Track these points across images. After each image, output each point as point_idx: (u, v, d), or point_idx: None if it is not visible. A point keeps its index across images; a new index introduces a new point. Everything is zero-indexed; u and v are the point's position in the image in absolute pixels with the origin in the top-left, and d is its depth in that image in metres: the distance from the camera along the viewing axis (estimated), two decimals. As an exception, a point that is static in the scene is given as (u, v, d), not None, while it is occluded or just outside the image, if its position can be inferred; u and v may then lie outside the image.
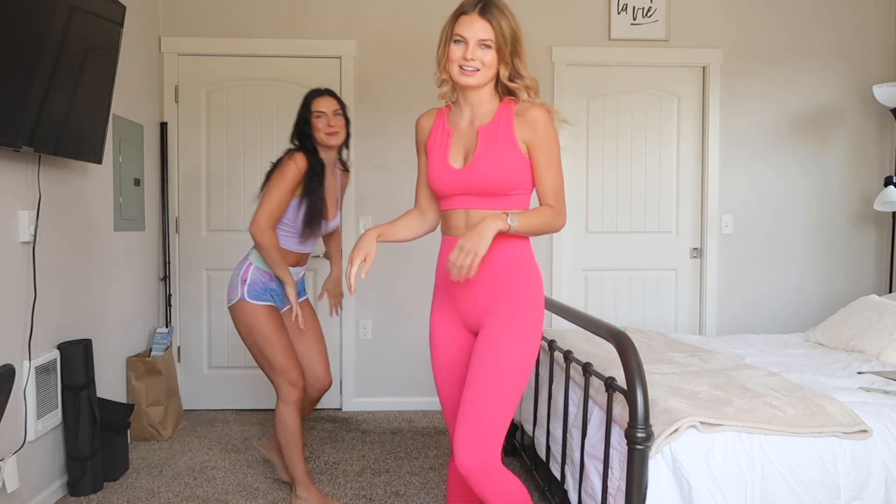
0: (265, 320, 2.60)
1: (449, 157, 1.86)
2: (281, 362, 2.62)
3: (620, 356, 1.89)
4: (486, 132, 1.81)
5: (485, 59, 1.77)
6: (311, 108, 2.62)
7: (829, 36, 4.17)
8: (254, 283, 2.62)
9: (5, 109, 2.24)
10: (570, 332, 3.03)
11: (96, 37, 2.77)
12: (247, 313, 2.61)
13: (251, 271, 2.62)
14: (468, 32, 1.76)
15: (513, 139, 1.80)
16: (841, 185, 4.23)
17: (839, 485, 1.90)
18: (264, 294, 2.63)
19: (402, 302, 4.11)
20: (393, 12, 4.04)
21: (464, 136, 1.86)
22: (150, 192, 3.81)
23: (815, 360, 2.86)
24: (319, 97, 2.65)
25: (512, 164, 1.80)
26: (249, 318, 2.60)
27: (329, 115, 2.62)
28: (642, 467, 1.83)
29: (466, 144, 1.85)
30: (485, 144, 1.80)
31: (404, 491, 2.91)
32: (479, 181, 1.81)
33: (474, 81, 1.79)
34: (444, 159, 1.86)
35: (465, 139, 1.86)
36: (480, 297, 1.84)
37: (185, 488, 2.93)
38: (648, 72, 4.16)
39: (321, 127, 2.61)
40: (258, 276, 2.62)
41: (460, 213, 1.86)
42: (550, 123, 1.80)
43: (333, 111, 2.63)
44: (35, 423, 2.60)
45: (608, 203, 4.19)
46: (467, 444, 1.74)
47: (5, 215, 2.45)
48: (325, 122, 2.61)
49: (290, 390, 2.63)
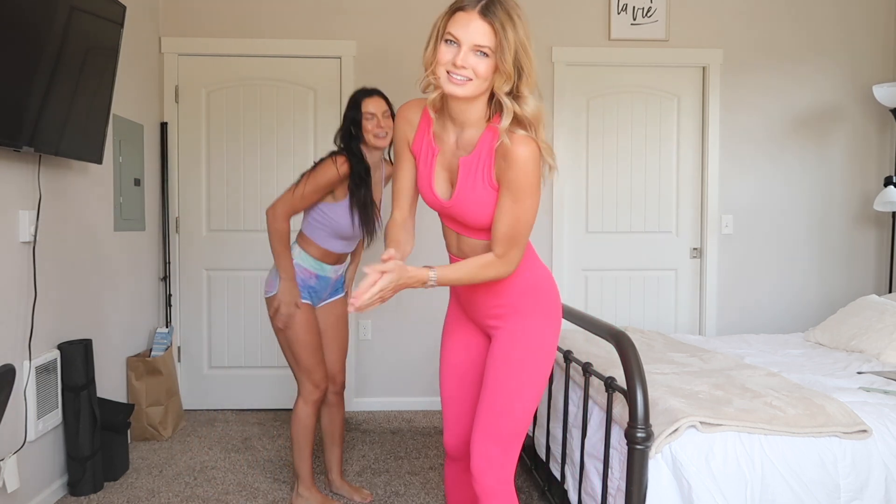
0: (300, 318, 2.58)
1: (434, 183, 1.67)
2: (308, 362, 2.61)
3: (620, 356, 1.89)
4: (465, 165, 1.60)
5: (478, 68, 1.48)
6: (362, 110, 2.55)
7: (829, 36, 4.17)
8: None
9: (6, 109, 2.24)
10: (570, 332, 3.02)
11: (96, 37, 2.77)
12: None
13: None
14: (463, 33, 1.47)
15: (490, 178, 1.58)
16: (841, 185, 4.23)
17: (839, 485, 1.90)
18: (302, 292, 2.60)
19: (402, 302, 4.10)
20: (393, 13, 4.04)
21: (447, 159, 1.66)
22: (150, 192, 3.81)
23: (814, 360, 2.86)
24: (369, 98, 2.57)
25: (490, 205, 1.60)
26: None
27: (379, 116, 2.54)
28: (642, 467, 1.83)
29: (450, 170, 1.65)
30: (464, 180, 1.61)
31: (404, 491, 2.91)
32: (462, 217, 1.66)
33: (462, 92, 1.50)
34: (429, 183, 1.67)
35: (449, 163, 1.65)
36: (493, 309, 1.74)
37: (185, 488, 2.93)
38: (648, 72, 4.15)
39: (370, 129, 2.54)
40: (298, 273, 2.59)
41: (452, 235, 1.75)
42: (531, 166, 1.52)
43: (383, 112, 2.55)
44: (35, 423, 2.60)
45: (608, 203, 4.19)
46: (486, 463, 1.67)
47: (5, 215, 2.46)
48: (375, 123, 2.54)
49: (312, 390, 2.64)
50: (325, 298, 2.74)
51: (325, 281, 2.67)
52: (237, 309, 4.09)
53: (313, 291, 2.65)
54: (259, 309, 4.08)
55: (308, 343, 2.60)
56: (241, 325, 4.09)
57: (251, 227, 4.06)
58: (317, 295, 2.68)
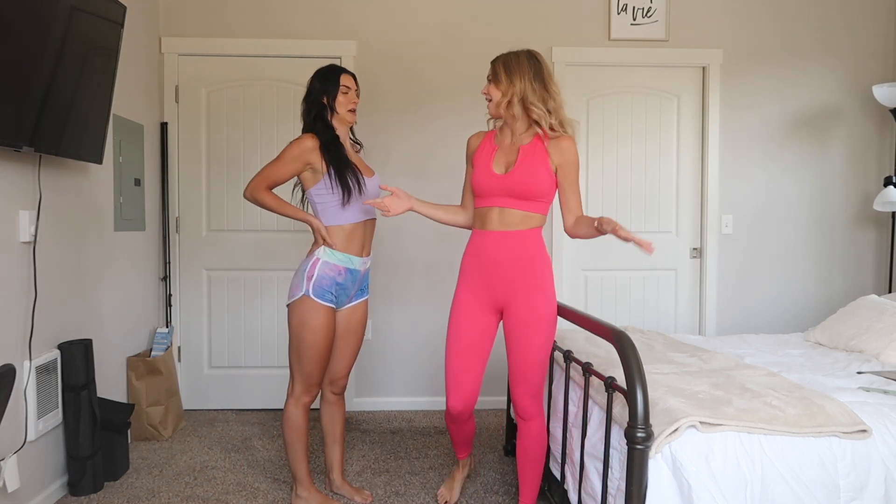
0: (319, 322, 2.56)
1: (493, 166, 2.38)
2: (309, 365, 2.59)
3: (620, 356, 1.89)
4: (525, 150, 2.35)
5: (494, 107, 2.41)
6: (340, 83, 2.61)
7: (830, 36, 4.17)
8: (321, 278, 2.55)
9: (6, 109, 2.24)
10: (570, 332, 3.03)
11: (97, 37, 2.77)
12: (306, 308, 2.55)
13: (318, 266, 2.56)
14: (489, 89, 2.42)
15: (545, 158, 2.33)
16: (841, 185, 4.23)
17: (839, 485, 1.90)
18: (328, 291, 2.56)
19: (403, 302, 4.11)
20: (392, 13, 4.04)
21: (505, 151, 2.39)
22: (150, 192, 3.82)
23: (814, 359, 2.86)
24: (346, 73, 2.66)
25: (542, 176, 2.32)
26: (307, 315, 2.55)
27: (353, 91, 2.64)
28: (642, 467, 1.83)
29: (508, 158, 2.38)
30: (523, 159, 2.33)
31: (404, 491, 2.91)
32: (516, 186, 2.31)
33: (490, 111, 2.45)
34: (488, 167, 2.38)
35: (507, 154, 2.39)
36: (508, 271, 2.35)
37: (185, 488, 2.93)
38: (648, 72, 4.16)
39: (345, 101, 2.61)
40: (326, 270, 2.56)
41: (495, 210, 2.37)
42: (576, 152, 2.36)
43: (355, 90, 2.66)
44: (35, 422, 2.61)
45: (608, 203, 4.19)
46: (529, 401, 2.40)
47: (5, 215, 2.46)
48: (350, 97, 2.62)
49: (303, 392, 2.62)
50: (352, 299, 2.70)
51: (355, 275, 2.63)
52: (237, 309, 4.09)
53: (342, 289, 2.61)
54: (259, 309, 4.09)
55: (318, 348, 2.57)
56: (241, 325, 4.09)
57: (251, 227, 4.06)
58: (345, 293, 2.64)
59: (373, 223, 2.70)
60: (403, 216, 4.05)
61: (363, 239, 2.65)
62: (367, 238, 2.68)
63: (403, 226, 4.07)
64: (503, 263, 2.35)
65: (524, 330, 2.34)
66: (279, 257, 4.04)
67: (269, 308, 4.09)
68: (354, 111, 2.65)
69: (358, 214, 2.61)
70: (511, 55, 2.36)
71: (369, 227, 2.68)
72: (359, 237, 2.63)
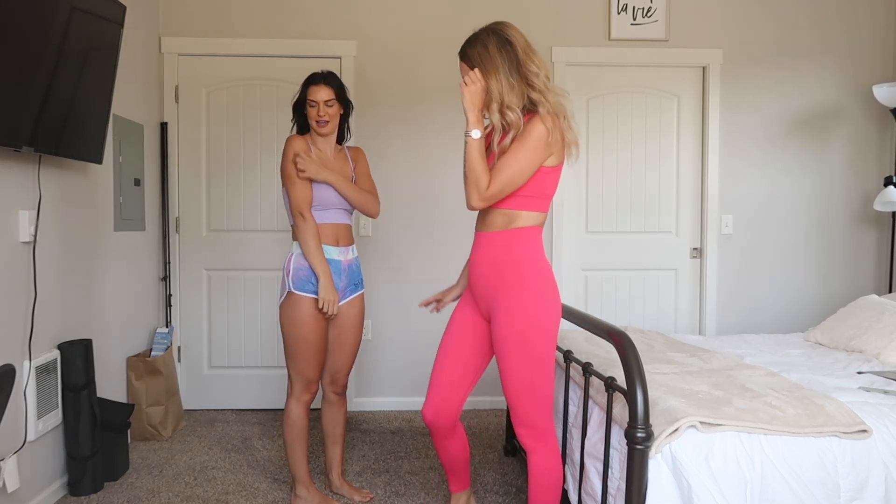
0: (304, 314, 2.55)
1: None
2: (304, 362, 2.59)
3: (620, 356, 1.89)
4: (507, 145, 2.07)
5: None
6: (308, 97, 2.62)
7: (830, 36, 4.17)
8: (298, 270, 2.56)
9: (6, 109, 2.24)
10: (570, 332, 3.03)
11: (97, 37, 2.77)
12: (291, 303, 2.56)
13: (293, 260, 2.58)
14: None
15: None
16: (841, 185, 4.23)
17: (839, 484, 1.90)
18: (308, 282, 2.56)
19: (403, 302, 4.11)
20: (393, 12, 4.04)
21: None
22: (150, 192, 3.82)
23: (814, 359, 2.86)
24: (315, 85, 2.62)
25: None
26: (293, 310, 2.55)
27: (321, 104, 2.59)
28: (642, 467, 1.83)
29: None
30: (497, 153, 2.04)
31: (404, 491, 2.91)
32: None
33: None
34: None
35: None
36: (488, 279, 2.09)
37: (185, 488, 2.93)
38: (648, 72, 4.16)
39: (312, 115, 2.62)
40: (301, 261, 2.57)
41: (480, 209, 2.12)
42: (534, 133, 1.96)
43: (326, 101, 2.60)
44: (35, 422, 2.60)
45: (608, 203, 4.20)
46: (523, 431, 2.06)
47: (5, 215, 2.46)
48: (316, 110, 2.61)
49: (303, 391, 2.62)
50: (345, 293, 2.68)
51: (336, 265, 2.61)
52: (237, 309, 4.09)
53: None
54: (259, 309, 4.09)
55: (309, 342, 2.57)
56: (241, 325, 4.09)
57: (251, 227, 4.06)
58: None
59: (347, 225, 2.71)
60: (398, 209, 4.06)
61: (336, 233, 2.65)
62: (342, 232, 2.67)
63: (404, 225, 4.07)
64: (482, 268, 2.11)
65: (499, 348, 2.04)
66: (279, 257, 4.03)
67: (269, 308, 4.09)
68: (324, 124, 2.61)
69: (330, 216, 2.64)
70: (478, 46, 2.05)
71: (342, 225, 2.69)
72: (330, 231, 2.63)
